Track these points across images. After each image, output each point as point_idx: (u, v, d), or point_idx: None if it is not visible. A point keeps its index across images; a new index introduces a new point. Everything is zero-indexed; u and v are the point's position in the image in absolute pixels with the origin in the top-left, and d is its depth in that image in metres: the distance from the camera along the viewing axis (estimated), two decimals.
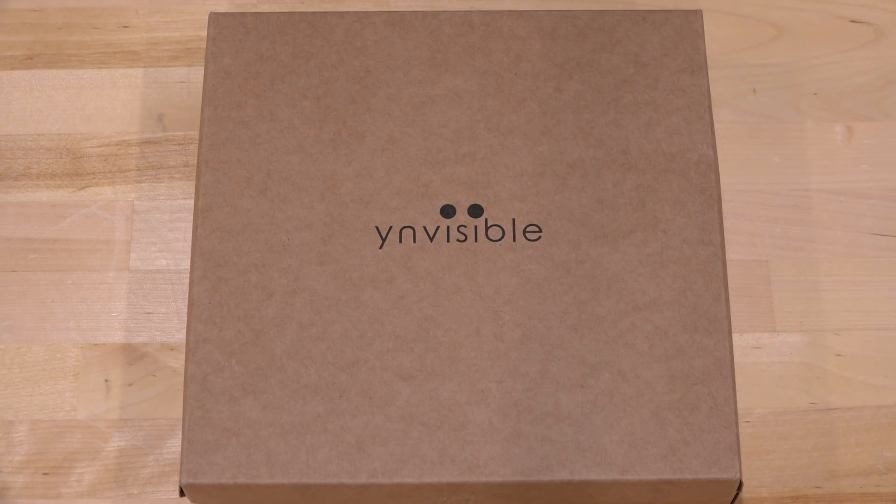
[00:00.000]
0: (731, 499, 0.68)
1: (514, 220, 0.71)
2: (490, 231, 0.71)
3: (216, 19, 0.75)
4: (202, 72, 0.78)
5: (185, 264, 0.78)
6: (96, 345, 0.77)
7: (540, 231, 0.71)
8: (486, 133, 0.73)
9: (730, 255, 0.78)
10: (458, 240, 0.71)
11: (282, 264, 0.70)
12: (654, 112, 0.73)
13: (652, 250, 0.70)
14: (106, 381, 0.76)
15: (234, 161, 0.72)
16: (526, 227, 0.71)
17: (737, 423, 0.67)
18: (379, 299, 0.69)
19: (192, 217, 0.77)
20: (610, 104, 0.73)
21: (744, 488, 0.72)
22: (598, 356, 0.68)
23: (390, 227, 0.71)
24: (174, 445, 0.75)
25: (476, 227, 0.71)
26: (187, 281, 0.76)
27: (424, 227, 0.71)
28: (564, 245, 0.71)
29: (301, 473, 0.67)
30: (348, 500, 0.68)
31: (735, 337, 0.76)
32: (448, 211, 0.71)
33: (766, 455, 0.75)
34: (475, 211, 0.71)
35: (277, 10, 0.84)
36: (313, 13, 0.76)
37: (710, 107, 0.73)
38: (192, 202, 0.79)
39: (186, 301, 0.73)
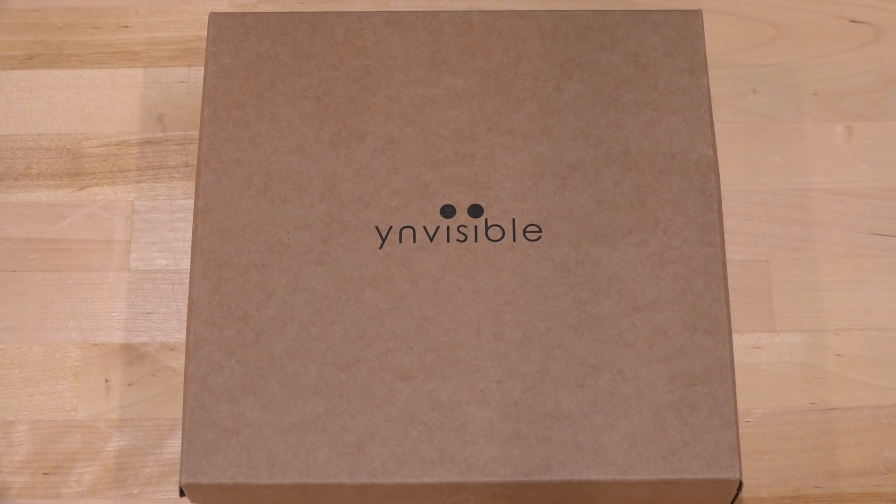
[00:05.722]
0: (731, 499, 0.68)
1: (514, 220, 0.71)
2: (490, 231, 0.71)
3: (216, 19, 0.75)
4: (202, 72, 0.78)
5: (185, 264, 0.78)
6: (96, 345, 0.77)
7: (540, 231, 0.71)
8: (486, 133, 0.73)
9: (730, 255, 0.78)
10: (458, 240, 0.71)
11: (282, 264, 0.70)
12: (654, 112, 0.73)
13: (652, 250, 0.70)
14: (106, 381, 0.76)
15: (234, 161, 0.72)
16: (526, 227, 0.71)
17: (737, 423, 0.67)
18: (379, 299, 0.69)
19: (192, 217, 0.77)
20: (610, 104, 0.73)
21: (744, 488, 0.72)
22: (598, 356, 0.68)
23: (390, 227, 0.71)
24: (174, 445, 0.75)
25: (476, 227, 0.71)
26: (187, 281, 0.76)
27: (424, 227, 0.71)
28: (564, 245, 0.71)
29: (301, 473, 0.67)
30: (348, 500, 0.68)
31: (735, 337, 0.76)
32: (448, 211, 0.71)
33: (766, 455, 0.75)
34: (475, 211, 0.71)
35: (277, 10, 0.84)
36: (313, 13, 0.76)
37: (710, 107, 0.73)
38: (192, 202, 0.79)
39: (186, 301, 0.73)
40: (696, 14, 0.75)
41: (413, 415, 0.67)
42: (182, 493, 0.68)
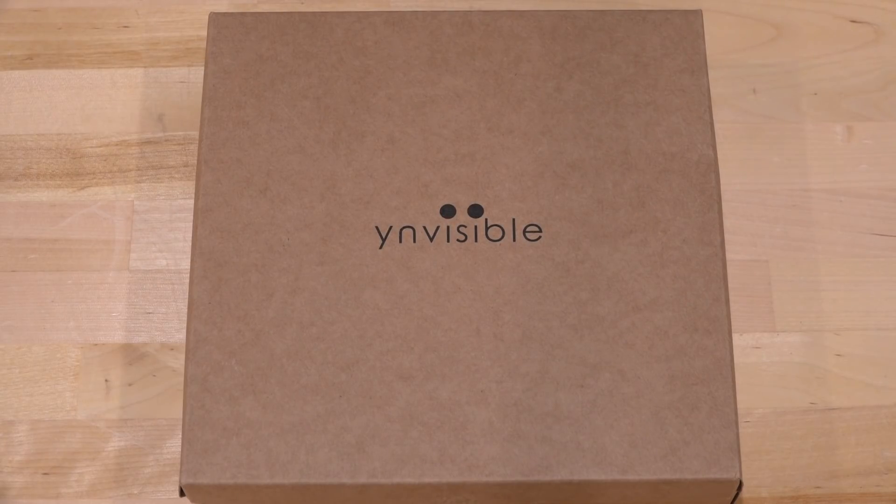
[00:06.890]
0: (731, 499, 0.68)
1: (514, 220, 0.71)
2: (490, 231, 0.71)
3: (216, 19, 0.75)
4: (202, 72, 0.78)
5: (185, 264, 0.78)
6: (96, 345, 0.77)
7: (540, 231, 0.71)
8: (486, 133, 0.73)
9: (730, 255, 0.78)
10: (458, 240, 0.71)
11: (282, 264, 0.70)
12: (654, 112, 0.73)
13: (652, 250, 0.70)
14: (106, 381, 0.76)
15: (234, 161, 0.72)
16: (526, 227, 0.71)
17: (737, 423, 0.67)
18: (379, 299, 0.69)
19: (192, 217, 0.77)
20: (610, 104, 0.73)
21: (744, 488, 0.72)
22: (598, 356, 0.68)
23: (390, 227, 0.71)
24: (174, 445, 0.75)
25: (476, 227, 0.71)
26: (187, 281, 0.76)
27: (424, 227, 0.71)
28: (564, 245, 0.71)
29: (301, 473, 0.67)
30: (348, 500, 0.68)
31: (735, 337, 0.76)
32: (448, 211, 0.71)
33: (766, 455, 0.75)
34: (475, 211, 0.71)
35: (277, 10, 0.84)
36: (313, 13, 0.76)
37: (710, 107, 0.73)
38: (192, 202, 0.79)
39: (186, 301, 0.73)
40: (696, 14, 0.75)
41: (413, 415, 0.67)
42: (182, 493, 0.68)
